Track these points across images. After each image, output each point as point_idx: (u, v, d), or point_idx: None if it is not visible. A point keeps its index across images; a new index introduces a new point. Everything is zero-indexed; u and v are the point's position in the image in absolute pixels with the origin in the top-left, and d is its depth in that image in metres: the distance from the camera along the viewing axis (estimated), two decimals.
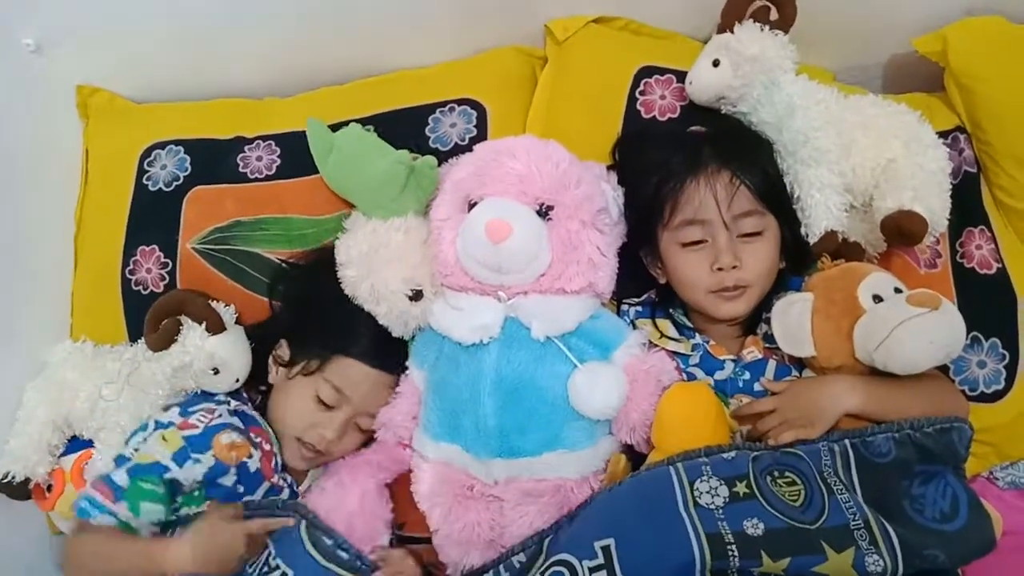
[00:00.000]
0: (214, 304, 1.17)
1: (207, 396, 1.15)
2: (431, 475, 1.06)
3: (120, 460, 1.06)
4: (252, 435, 1.10)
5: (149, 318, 1.15)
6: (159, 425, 1.08)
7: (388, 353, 1.13)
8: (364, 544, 1.06)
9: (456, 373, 1.05)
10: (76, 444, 1.19)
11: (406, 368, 1.14)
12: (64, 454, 1.19)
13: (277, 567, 1.02)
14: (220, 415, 1.10)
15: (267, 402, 1.18)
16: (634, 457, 1.04)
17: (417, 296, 1.08)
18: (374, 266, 1.09)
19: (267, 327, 1.21)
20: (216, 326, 1.14)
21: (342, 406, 1.11)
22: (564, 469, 1.01)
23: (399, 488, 1.15)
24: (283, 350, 1.17)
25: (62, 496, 1.16)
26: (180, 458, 1.04)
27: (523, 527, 1.00)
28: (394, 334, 1.12)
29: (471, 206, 1.05)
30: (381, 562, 1.06)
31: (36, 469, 1.16)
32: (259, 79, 1.39)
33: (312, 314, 1.17)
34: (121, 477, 1.02)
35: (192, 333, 1.13)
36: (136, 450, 1.05)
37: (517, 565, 0.99)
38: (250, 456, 1.08)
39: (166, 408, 1.13)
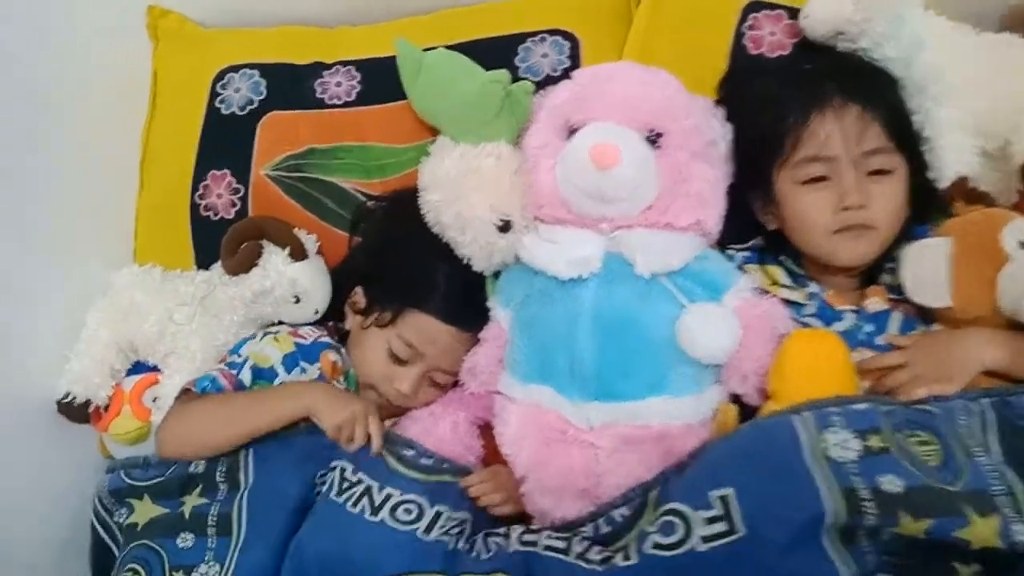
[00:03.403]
0: (296, 231, 1.12)
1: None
2: (519, 417, 0.98)
3: (234, 366, 1.02)
4: None
5: (227, 241, 1.09)
6: (267, 333, 1.05)
7: (465, 310, 1.06)
8: None
9: (550, 310, 0.97)
10: (139, 368, 1.14)
11: (485, 323, 1.07)
12: (127, 375, 1.13)
13: (360, 481, 0.96)
14: (327, 335, 1.08)
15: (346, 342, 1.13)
16: (743, 409, 0.96)
17: (506, 227, 1.00)
18: (462, 191, 1.01)
19: (344, 269, 1.15)
20: (299, 252, 1.08)
21: (415, 361, 1.06)
22: (668, 416, 0.93)
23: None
24: (359, 297, 1.11)
25: (118, 417, 1.11)
26: (289, 363, 1.02)
27: (621, 476, 0.92)
28: (475, 267, 1.05)
29: (571, 132, 0.97)
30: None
31: (98, 392, 1.10)
32: (333, 10, 1.32)
33: (389, 261, 1.10)
34: (247, 374, 1.00)
35: (274, 258, 1.07)
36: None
37: (619, 519, 0.91)
38: (338, 382, 1.05)
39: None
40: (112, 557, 1.03)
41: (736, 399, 0.97)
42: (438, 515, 0.95)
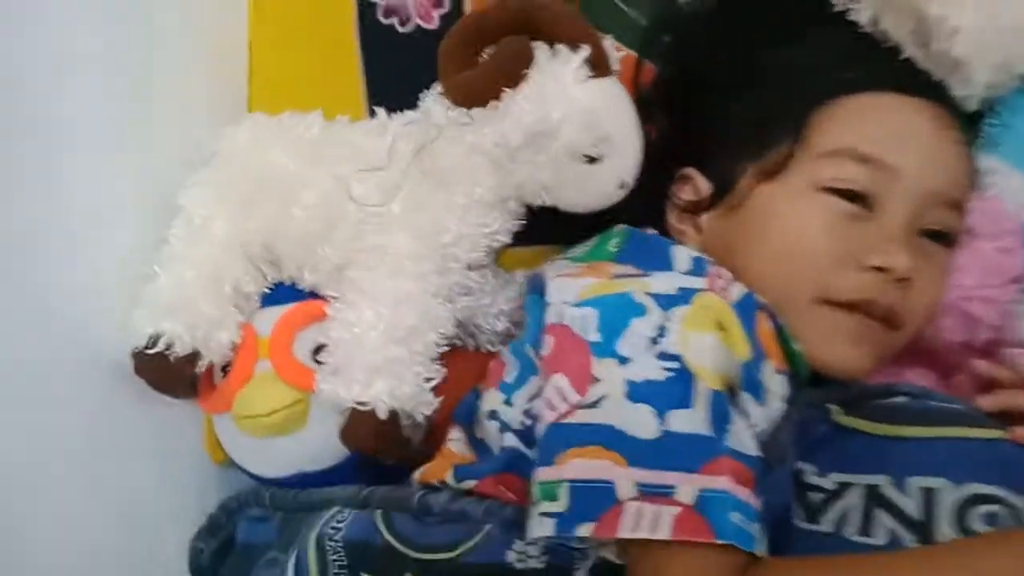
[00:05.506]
0: None
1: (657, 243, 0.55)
2: None
3: (679, 399, 0.45)
4: None
5: (457, 43, 0.55)
6: (666, 301, 0.48)
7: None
8: None
9: None
10: (283, 293, 0.61)
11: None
12: (263, 307, 0.61)
13: (845, 484, 0.49)
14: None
15: None
16: None
17: None
18: None
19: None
20: (602, 62, 0.55)
21: (888, 193, 0.52)
22: None
23: None
24: (692, 183, 0.59)
25: (248, 383, 0.58)
26: (750, 382, 0.48)
27: None
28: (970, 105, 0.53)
29: None
30: None
31: (214, 335, 0.57)
32: None
33: (749, 65, 0.58)
34: (744, 436, 0.45)
35: (557, 68, 0.54)
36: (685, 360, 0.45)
37: None
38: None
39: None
40: None
41: None
42: None
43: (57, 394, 0.57)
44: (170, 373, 0.57)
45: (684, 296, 0.48)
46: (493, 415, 0.54)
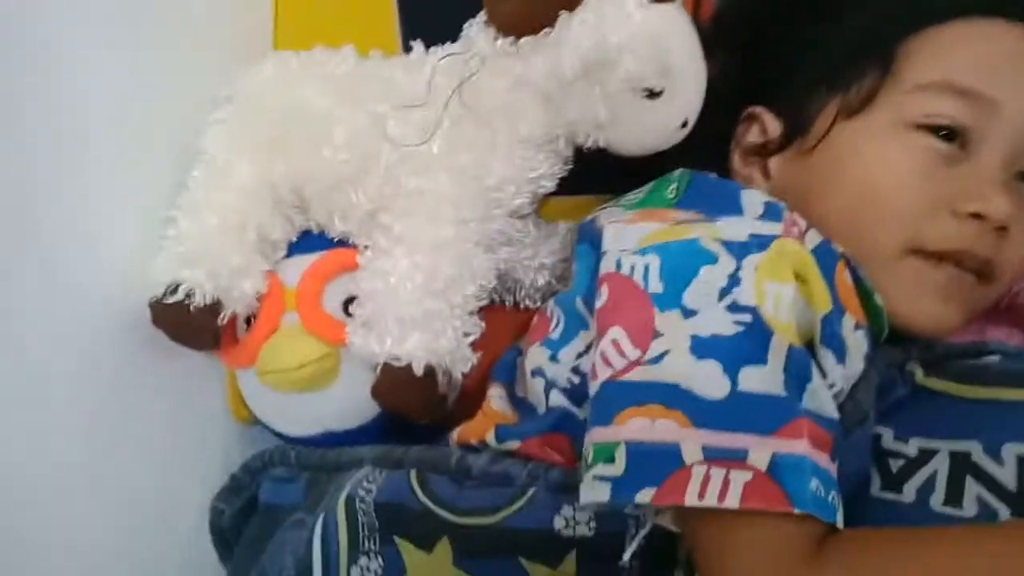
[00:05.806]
0: None
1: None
2: None
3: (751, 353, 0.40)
4: None
5: None
6: (739, 248, 0.43)
7: None
8: None
9: None
10: (311, 241, 0.58)
11: None
12: (288, 256, 0.57)
13: (928, 451, 0.45)
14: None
15: None
16: None
17: None
18: None
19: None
20: None
21: (978, 127, 0.47)
22: None
23: None
24: (760, 123, 0.54)
25: (274, 336, 0.55)
26: (831, 336, 0.43)
27: None
28: None
29: None
30: None
31: (237, 284, 0.54)
32: None
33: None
34: (826, 402, 0.41)
35: None
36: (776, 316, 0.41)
37: None
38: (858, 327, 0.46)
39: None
40: None
41: None
42: None
43: (68, 353, 0.53)
44: (190, 324, 0.53)
45: (759, 243, 0.43)
46: (538, 372, 0.50)
